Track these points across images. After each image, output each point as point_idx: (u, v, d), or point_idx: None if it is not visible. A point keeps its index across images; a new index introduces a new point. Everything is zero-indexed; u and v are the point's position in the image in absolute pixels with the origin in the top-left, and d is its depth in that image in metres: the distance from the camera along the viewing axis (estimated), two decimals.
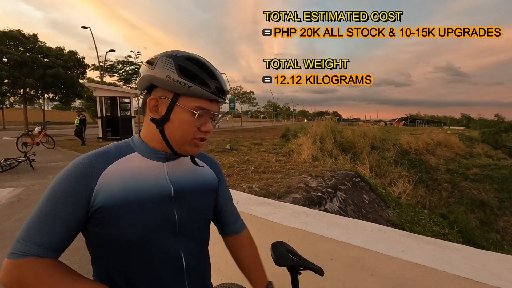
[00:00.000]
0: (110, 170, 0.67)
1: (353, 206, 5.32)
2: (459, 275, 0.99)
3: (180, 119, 0.69)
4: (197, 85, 0.67)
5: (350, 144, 14.31)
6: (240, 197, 1.91)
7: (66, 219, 0.64)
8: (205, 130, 0.72)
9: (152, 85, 0.71)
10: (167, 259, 0.72)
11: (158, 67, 0.68)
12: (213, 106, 0.73)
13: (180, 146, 0.72)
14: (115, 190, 0.66)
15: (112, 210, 0.65)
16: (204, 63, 0.71)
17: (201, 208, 0.81)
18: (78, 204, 0.64)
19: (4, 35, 21.13)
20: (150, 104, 0.71)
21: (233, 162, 7.18)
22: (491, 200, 12.90)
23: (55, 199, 0.64)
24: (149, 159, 0.73)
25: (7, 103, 24.61)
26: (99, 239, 0.68)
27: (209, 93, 0.69)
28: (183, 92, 0.68)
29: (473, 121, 49.02)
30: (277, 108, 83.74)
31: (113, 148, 0.73)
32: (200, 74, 0.68)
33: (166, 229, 0.72)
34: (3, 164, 6.75)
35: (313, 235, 1.35)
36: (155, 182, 0.72)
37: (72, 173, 0.65)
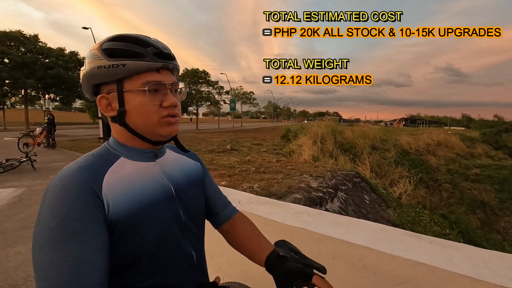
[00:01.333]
0: (107, 181, 0.60)
1: (354, 206, 5.33)
2: (461, 274, 1.00)
3: (134, 105, 0.62)
4: (131, 60, 0.60)
5: (351, 144, 14.31)
6: (242, 197, 1.92)
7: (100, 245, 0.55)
8: (167, 104, 0.64)
9: (94, 86, 0.65)
10: (182, 259, 0.71)
11: (87, 63, 0.63)
12: (165, 76, 0.65)
13: (152, 133, 0.66)
14: (125, 201, 0.60)
15: (130, 221, 0.60)
16: (130, 35, 0.63)
17: (197, 202, 0.80)
18: (99, 224, 0.56)
19: (4, 35, 21.16)
20: (101, 104, 0.64)
21: (233, 162, 7.19)
22: (491, 200, 12.89)
23: (74, 233, 0.52)
24: (138, 162, 0.68)
25: (8, 103, 24.59)
26: (119, 255, 0.60)
27: (148, 62, 0.62)
28: (122, 75, 0.61)
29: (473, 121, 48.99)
30: (278, 108, 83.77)
31: (94, 158, 0.64)
32: (129, 48, 0.61)
33: (176, 229, 0.70)
34: (4, 165, 6.76)
35: (315, 234, 1.36)
36: (154, 184, 0.68)
37: (71, 194, 0.54)
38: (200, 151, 9.74)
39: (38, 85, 22.61)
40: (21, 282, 2.39)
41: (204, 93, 31.24)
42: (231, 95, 39.48)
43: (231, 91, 40.51)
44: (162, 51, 0.64)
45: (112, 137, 0.70)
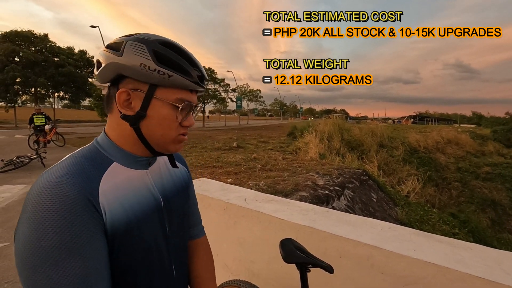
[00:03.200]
0: (103, 189, 0.55)
1: (361, 205, 5.28)
2: (472, 274, 0.97)
3: (159, 115, 0.59)
4: (178, 74, 0.58)
5: (358, 142, 14.18)
6: (248, 194, 1.91)
7: (102, 256, 0.53)
8: (187, 124, 0.64)
9: (120, 76, 0.59)
10: (162, 273, 0.67)
11: (127, 53, 0.56)
12: (194, 97, 0.64)
13: (162, 145, 0.63)
14: (120, 211, 0.57)
15: (124, 235, 0.57)
16: (182, 48, 0.61)
17: (183, 212, 0.76)
18: (99, 235, 0.52)
19: (16, 35, 21.57)
20: (121, 98, 0.58)
21: (240, 160, 7.19)
22: (503, 199, 12.62)
23: (76, 248, 0.48)
24: (131, 169, 0.63)
25: (19, 101, 25.09)
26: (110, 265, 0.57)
27: (192, 82, 0.60)
28: (162, 82, 0.57)
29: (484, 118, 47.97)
30: (284, 106, 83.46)
31: (85, 162, 0.57)
32: (179, 62, 0.59)
33: (161, 242, 0.66)
34: (15, 162, 6.91)
35: (321, 232, 1.34)
36: (146, 194, 0.64)
37: (67, 208, 0.48)
38: (207, 149, 9.77)
39: (48, 83, 23.00)
40: None
41: (211, 91, 31.30)
42: (237, 92, 39.48)
43: (237, 89, 40.50)
44: (203, 76, 0.64)
45: (104, 135, 0.63)
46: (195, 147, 10.36)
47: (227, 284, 1.40)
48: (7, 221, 3.69)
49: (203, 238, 0.91)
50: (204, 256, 0.87)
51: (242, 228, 1.70)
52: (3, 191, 5.07)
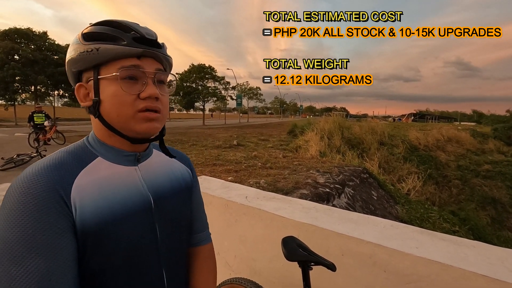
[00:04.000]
0: (78, 183, 0.53)
1: (362, 203, 5.28)
2: (476, 272, 0.96)
3: (109, 93, 0.55)
4: (106, 43, 0.54)
5: (358, 140, 14.17)
6: (249, 192, 1.91)
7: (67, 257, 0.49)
8: (145, 95, 0.56)
9: (76, 74, 0.59)
10: (149, 279, 0.62)
11: (69, 49, 0.58)
12: (146, 63, 0.57)
13: (126, 128, 0.57)
14: (95, 208, 0.53)
15: (99, 233, 0.53)
16: (114, 20, 0.57)
17: (181, 214, 0.70)
18: (66, 233, 0.49)
19: (15, 32, 21.51)
20: (79, 93, 0.59)
21: (240, 158, 7.18)
22: (503, 197, 12.63)
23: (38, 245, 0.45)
24: (117, 164, 0.60)
25: (19, 100, 25.06)
26: (82, 267, 0.53)
27: (125, 46, 0.54)
28: (97, 60, 0.55)
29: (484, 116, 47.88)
30: (284, 104, 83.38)
31: (67, 156, 0.56)
32: (108, 31, 0.55)
33: (148, 246, 0.61)
34: (16, 160, 6.90)
35: (323, 230, 1.34)
36: (131, 191, 0.60)
37: (33, 200, 0.47)
38: (207, 147, 9.77)
39: (48, 81, 22.96)
40: None
41: (211, 89, 31.24)
42: (237, 90, 39.41)
43: (237, 87, 40.43)
44: (144, 36, 0.57)
45: (92, 132, 0.63)
46: (195, 145, 10.35)
47: (228, 282, 1.40)
48: None
49: (208, 245, 0.83)
50: (205, 266, 0.79)
51: (244, 226, 1.69)
52: (3, 189, 5.04)
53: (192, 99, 29.94)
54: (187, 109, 34.83)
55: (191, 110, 37.41)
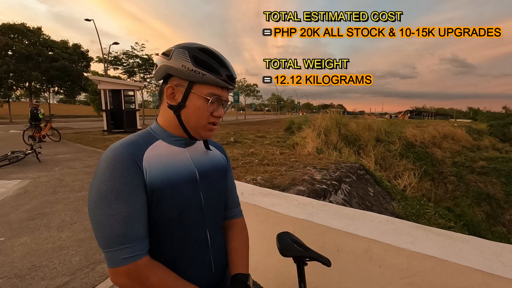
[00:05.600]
0: (147, 156, 0.73)
1: (358, 199, 5.29)
2: (471, 267, 0.96)
3: (195, 105, 0.76)
4: (210, 73, 0.74)
5: (355, 137, 14.20)
6: (245, 188, 1.89)
7: (142, 205, 0.69)
8: (217, 115, 0.79)
9: (169, 75, 0.77)
10: (197, 235, 0.80)
11: (174, 58, 0.75)
12: (224, 93, 0.79)
13: (195, 131, 0.79)
14: (158, 173, 0.72)
15: (160, 191, 0.72)
16: (215, 53, 0.77)
17: (219, 188, 0.89)
18: (141, 188, 0.69)
19: (9, 28, 21.18)
20: (168, 92, 0.77)
21: (237, 154, 7.17)
22: (497, 193, 12.76)
23: (123, 195, 0.66)
24: (172, 146, 0.80)
25: (14, 96, 24.75)
26: (149, 217, 0.72)
27: (221, 80, 0.75)
28: (198, 80, 0.74)
29: (480, 113, 48.22)
30: (281, 101, 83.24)
31: (137, 137, 0.77)
32: (212, 64, 0.75)
33: (195, 208, 0.80)
34: (10, 157, 6.82)
35: (319, 226, 1.33)
36: (182, 166, 0.79)
37: (120, 163, 0.67)
38: None
39: (43, 77, 22.68)
40: (26, 272, 2.41)
41: None
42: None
43: None
44: (232, 76, 0.79)
45: (156, 122, 0.83)
46: None
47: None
48: (1, 216, 3.64)
49: (241, 219, 1.03)
50: (240, 233, 0.99)
51: None
52: (0, 186, 5.01)
53: None
54: None
55: None
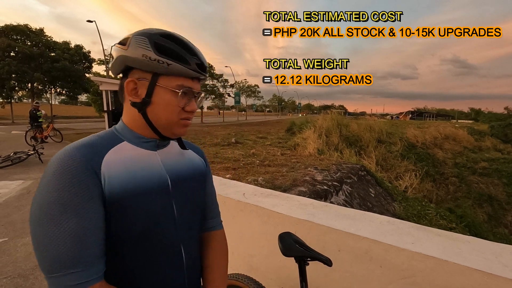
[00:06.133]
0: (107, 160, 0.62)
1: (359, 200, 5.30)
2: (471, 267, 0.97)
3: (162, 100, 0.65)
4: (177, 63, 0.64)
5: (356, 137, 14.17)
6: (247, 189, 1.91)
7: (97, 220, 0.58)
8: (189, 110, 0.69)
9: (128, 67, 0.67)
10: (169, 252, 0.69)
11: (132, 46, 0.63)
12: (195, 84, 0.70)
13: (167, 129, 0.69)
14: (120, 181, 0.61)
15: (123, 201, 0.61)
16: (181, 39, 0.67)
17: (195, 196, 0.78)
18: (96, 199, 0.58)
19: (12, 29, 21.30)
20: (128, 87, 0.66)
21: (238, 155, 7.18)
22: (499, 194, 12.72)
23: (72, 208, 0.54)
24: (140, 148, 0.69)
25: (16, 97, 24.88)
26: (108, 232, 0.61)
27: (190, 70, 0.66)
28: (163, 71, 0.64)
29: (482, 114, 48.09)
30: (282, 101, 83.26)
31: (97, 138, 0.66)
32: (178, 51, 0.65)
33: (166, 220, 0.69)
34: (12, 157, 6.86)
35: (320, 226, 1.34)
36: (152, 172, 0.68)
37: (69, 169, 0.55)
38: (205, 145, 9.75)
39: (45, 78, 22.77)
40: (30, 272, 2.44)
41: (209, 87, 31.15)
42: (235, 88, 39.31)
43: (235, 84, 40.32)
44: (203, 64, 0.69)
45: (121, 121, 0.72)
46: (193, 142, 10.32)
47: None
48: (5, 217, 3.67)
49: (220, 231, 0.93)
50: (218, 247, 0.88)
51: (241, 223, 1.69)
52: (1, 187, 5.04)
53: None
54: None
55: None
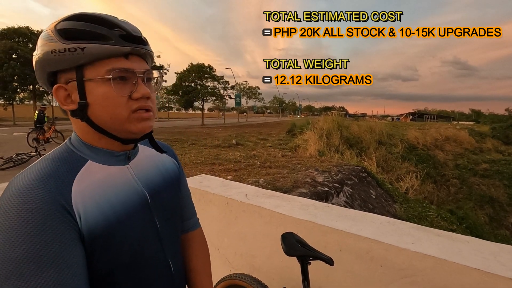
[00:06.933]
0: (76, 190, 0.51)
1: (360, 201, 5.31)
2: (470, 266, 0.99)
3: (98, 96, 0.52)
4: (92, 43, 0.50)
5: (357, 139, 14.21)
6: (249, 190, 1.93)
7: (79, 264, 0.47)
8: (138, 96, 0.54)
9: (50, 74, 0.55)
10: (158, 268, 0.64)
11: (39, 46, 0.52)
12: (135, 63, 0.55)
13: (121, 130, 0.56)
14: (98, 212, 0.52)
15: (105, 235, 0.52)
16: (91, 14, 0.53)
17: (174, 206, 0.72)
18: (74, 241, 0.48)
19: (14, 32, 21.45)
20: (59, 96, 0.54)
21: (239, 157, 7.21)
22: (500, 196, 12.72)
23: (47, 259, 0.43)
24: (109, 166, 0.58)
25: (17, 99, 25.01)
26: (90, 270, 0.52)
27: (113, 45, 0.51)
28: (82, 60, 0.51)
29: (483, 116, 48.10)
30: (283, 103, 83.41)
31: (56, 163, 0.53)
32: (90, 28, 0.51)
33: (152, 239, 0.62)
34: (15, 159, 6.91)
35: (322, 226, 1.36)
36: (128, 190, 0.59)
37: (36, 215, 0.44)
38: (206, 146, 9.78)
39: None
40: None
41: (210, 88, 31.24)
42: (236, 90, 39.41)
43: (236, 86, 40.43)
44: (131, 34, 0.54)
45: (75, 134, 0.59)
46: (194, 144, 10.37)
47: (228, 277, 1.42)
48: None
49: (198, 230, 0.87)
50: (199, 248, 0.84)
51: (243, 223, 1.72)
52: (2, 188, 5.07)
53: (191, 99, 29.96)
54: (185, 108, 34.83)
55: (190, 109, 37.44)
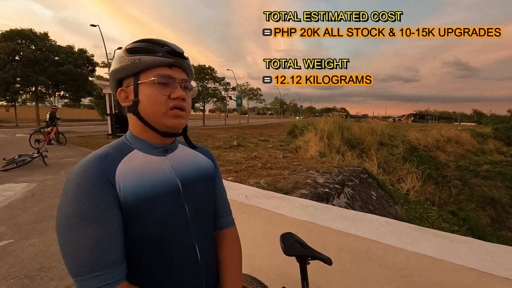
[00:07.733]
0: (120, 169, 0.66)
1: (361, 202, 5.31)
2: (467, 266, 1.00)
3: (146, 94, 0.70)
4: (146, 55, 0.69)
5: (358, 140, 14.18)
6: (249, 191, 1.95)
7: (116, 226, 0.62)
8: (175, 96, 0.70)
9: (118, 82, 0.75)
10: (183, 252, 0.73)
11: (114, 61, 0.73)
12: (175, 72, 0.72)
13: (159, 123, 0.71)
14: (133, 188, 0.65)
15: (137, 207, 0.65)
16: (151, 38, 0.73)
17: (206, 197, 0.82)
18: (113, 207, 0.62)
19: (17, 34, 21.56)
20: (121, 96, 0.74)
21: (240, 158, 7.22)
22: (502, 197, 12.65)
23: (92, 216, 0.59)
24: (150, 155, 0.73)
25: (20, 100, 25.12)
26: (125, 237, 0.66)
27: (161, 57, 0.70)
28: (139, 68, 0.69)
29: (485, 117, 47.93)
30: (284, 104, 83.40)
31: (110, 149, 0.70)
32: (146, 46, 0.70)
33: (179, 223, 0.73)
34: (17, 160, 6.94)
35: (321, 227, 1.38)
36: (162, 177, 0.72)
37: (87, 181, 0.60)
38: (207, 147, 9.78)
39: (49, 82, 23.00)
40: (36, 273, 2.48)
41: (211, 89, 31.29)
42: (237, 91, 39.44)
43: (237, 87, 40.46)
44: (174, 50, 0.72)
45: (129, 130, 0.77)
46: None
47: None
48: (10, 219, 3.72)
49: (232, 229, 0.95)
50: (231, 245, 0.91)
51: (244, 224, 1.73)
52: (6, 189, 5.11)
53: (192, 100, 29.96)
54: None
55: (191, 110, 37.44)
